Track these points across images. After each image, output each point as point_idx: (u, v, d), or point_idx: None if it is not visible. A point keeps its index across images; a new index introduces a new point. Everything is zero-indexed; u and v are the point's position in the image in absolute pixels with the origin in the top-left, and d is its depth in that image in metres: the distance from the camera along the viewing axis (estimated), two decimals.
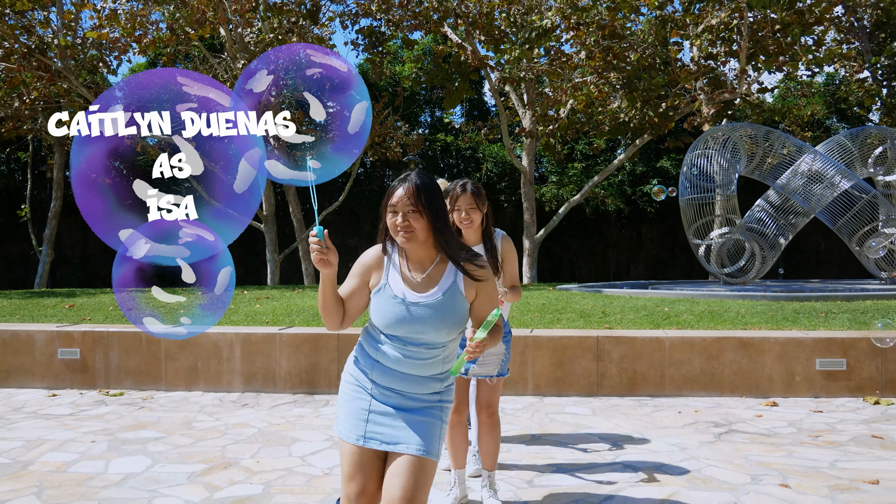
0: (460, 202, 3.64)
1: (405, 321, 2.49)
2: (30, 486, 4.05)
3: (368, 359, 2.59)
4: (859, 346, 6.24)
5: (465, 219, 3.66)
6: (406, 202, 2.47)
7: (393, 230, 2.51)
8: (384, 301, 2.53)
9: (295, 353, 6.78)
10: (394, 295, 2.52)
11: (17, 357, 7.13)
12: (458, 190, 3.66)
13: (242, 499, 3.82)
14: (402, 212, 2.48)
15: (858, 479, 4.03)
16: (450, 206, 3.67)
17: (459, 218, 3.66)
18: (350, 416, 2.53)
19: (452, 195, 3.67)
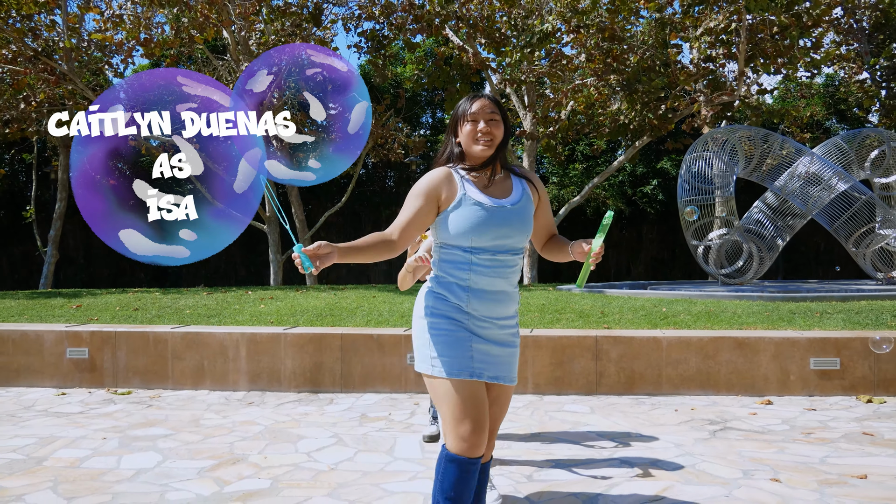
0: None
1: (494, 224, 2.55)
2: (45, 481, 4.18)
3: (460, 289, 2.59)
4: (853, 345, 6.37)
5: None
6: (487, 110, 2.62)
7: (472, 138, 2.62)
8: (467, 211, 2.55)
9: (299, 353, 6.92)
10: (476, 202, 2.56)
11: (27, 357, 7.27)
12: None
13: (251, 493, 3.95)
14: (483, 119, 2.61)
15: (847, 474, 4.16)
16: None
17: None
18: (454, 352, 2.53)
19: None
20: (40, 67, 13.64)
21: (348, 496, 3.88)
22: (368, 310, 8.51)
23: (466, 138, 2.64)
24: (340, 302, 9.21)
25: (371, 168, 25.11)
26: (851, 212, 10.76)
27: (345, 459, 4.59)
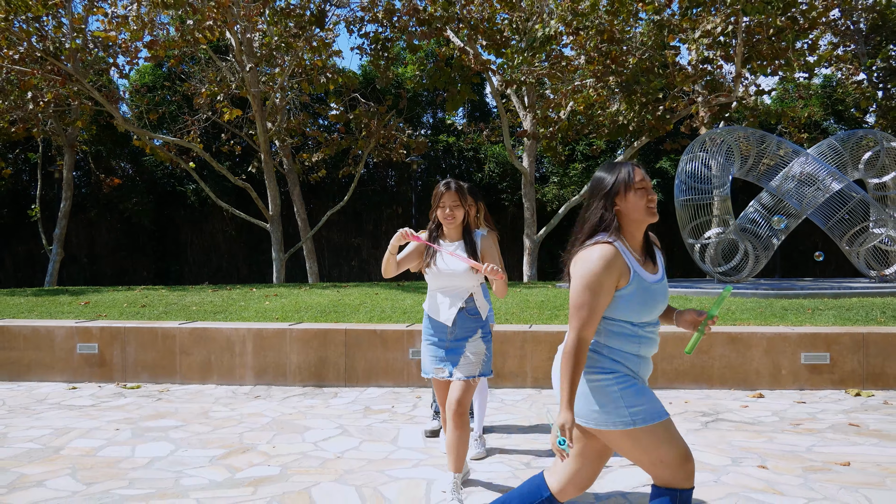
0: (445, 199, 3.75)
1: (659, 302, 2.57)
2: (64, 468, 4.37)
3: (633, 359, 2.56)
4: (842, 340, 6.55)
5: (449, 216, 3.76)
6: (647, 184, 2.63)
7: (644, 207, 2.59)
8: (643, 291, 2.53)
9: (304, 348, 7.10)
10: (648, 282, 2.56)
11: (38, 352, 7.45)
12: (442, 188, 3.77)
13: (262, 479, 4.14)
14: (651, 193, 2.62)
15: (831, 462, 4.35)
16: (434, 203, 3.82)
17: (443, 214, 3.77)
18: (647, 399, 2.51)
19: (436, 193, 3.80)
20: (47, 68, 13.82)
21: (355, 481, 4.07)
22: (371, 306, 8.69)
23: (636, 208, 2.58)
24: (344, 299, 9.40)
25: (372, 168, 25.28)
26: (845, 211, 10.95)
27: (350, 448, 4.77)
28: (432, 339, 3.81)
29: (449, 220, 3.78)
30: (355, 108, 18.08)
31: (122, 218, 24.99)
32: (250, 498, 3.81)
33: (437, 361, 3.77)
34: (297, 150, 20.74)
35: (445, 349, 3.75)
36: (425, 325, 3.85)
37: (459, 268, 3.73)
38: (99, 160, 23.20)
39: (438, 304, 3.78)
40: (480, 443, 4.57)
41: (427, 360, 3.83)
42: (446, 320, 3.73)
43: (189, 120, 18.11)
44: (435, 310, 3.79)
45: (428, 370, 3.83)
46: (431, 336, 3.81)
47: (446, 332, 3.75)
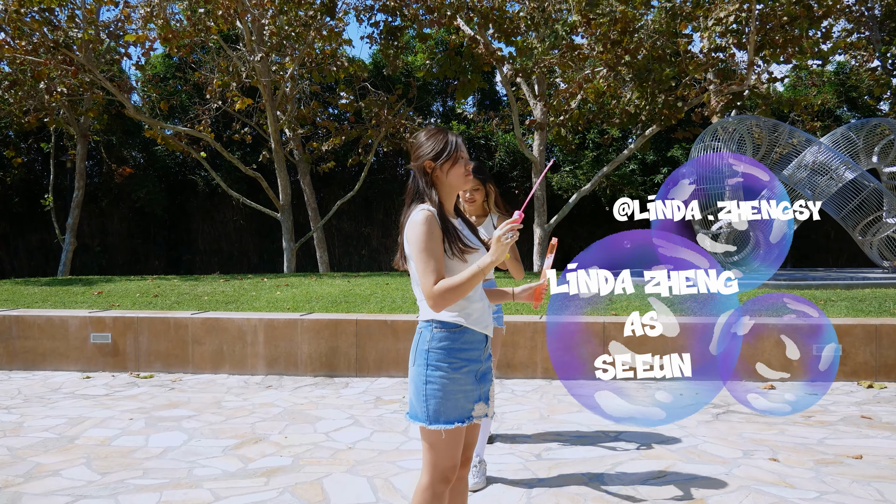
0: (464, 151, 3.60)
1: None
2: (79, 458, 4.42)
3: None
4: (855, 332, 6.52)
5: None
6: None
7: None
8: None
9: (315, 338, 7.14)
10: None
11: (52, 341, 7.52)
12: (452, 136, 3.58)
13: (274, 469, 4.17)
14: None
15: (843, 455, 4.34)
16: None
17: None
18: None
19: None
20: (59, 59, 13.87)
21: (366, 472, 4.09)
22: (382, 296, 8.71)
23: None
24: (354, 289, 9.42)
25: (382, 156, 25.27)
26: (858, 200, 10.87)
27: (361, 439, 4.80)
28: (465, 364, 2.54)
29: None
30: (365, 97, 18.05)
31: (133, 207, 25.10)
32: (263, 488, 3.84)
33: (476, 397, 2.57)
34: (307, 139, 20.75)
35: (478, 376, 2.61)
36: (446, 348, 2.53)
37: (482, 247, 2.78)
38: (110, 150, 23.29)
39: (477, 307, 2.61)
40: (480, 471, 4.02)
41: (461, 399, 2.52)
42: (491, 329, 2.67)
43: (200, 109, 18.13)
44: (478, 317, 2.60)
45: (465, 413, 2.53)
46: (462, 359, 2.54)
47: (482, 348, 2.62)
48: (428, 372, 2.50)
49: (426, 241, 2.45)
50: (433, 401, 2.49)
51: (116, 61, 17.73)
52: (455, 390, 2.50)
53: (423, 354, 2.53)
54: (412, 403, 2.56)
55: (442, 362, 2.50)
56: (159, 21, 13.66)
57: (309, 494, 3.75)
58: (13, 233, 25.36)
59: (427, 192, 2.58)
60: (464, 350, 2.53)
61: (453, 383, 2.49)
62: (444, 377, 2.49)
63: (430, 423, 2.48)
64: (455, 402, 2.50)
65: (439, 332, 2.53)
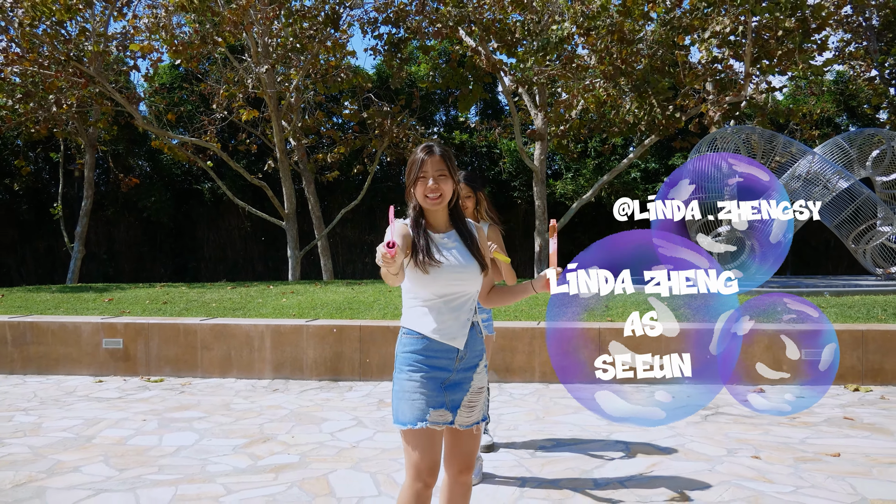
0: (427, 168, 2.71)
1: None
2: (97, 456, 4.66)
3: None
4: (842, 337, 6.74)
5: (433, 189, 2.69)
6: None
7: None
8: None
9: (320, 344, 7.38)
10: None
11: (65, 347, 7.77)
12: (422, 154, 2.73)
13: (283, 465, 4.41)
14: None
15: (822, 453, 4.57)
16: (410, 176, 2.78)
17: (424, 189, 2.71)
18: None
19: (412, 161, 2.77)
20: (70, 71, 14.18)
21: (369, 468, 4.33)
22: (385, 303, 8.95)
23: None
24: (358, 296, 9.66)
25: (386, 165, 25.55)
26: (851, 209, 11.10)
27: (365, 438, 5.04)
28: (425, 370, 2.64)
29: (433, 197, 2.69)
30: (369, 107, 18.34)
31: (140, 216, 25.39)
32: (272, 483, 4.08)
33: (436, 402, 2.62)
34: (312, 148, 21.04)
35: (445, 384, 2.67)
36: (410, 352, 2.66)
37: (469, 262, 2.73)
38: (117, 159, 23.62)
39: (445, 319, 2.67)
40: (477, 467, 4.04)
41: (417, 402, 2.60)
42: (461, 343, 2.68)
43: (206, 119, 18.44)
44: (444, 329, 2.67)
45: (419, 415, 2.59)
46: (424, 366, 2.64)
47: (453, 359, 2.68)
48: (396, 374, 2.70)
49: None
50: (395, 401, 2.66)
51: (125, 72, 18.05)
52: (409, 395, 2.61)
53: (396, 357, 2.73)
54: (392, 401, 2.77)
55: (405, 365, 2.65)
56: (164, 33, 13.96)
57: (316, 489, 3.98)
58: (21, 240, 25.67)
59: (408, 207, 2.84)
60: (429, 358, 2.64)
61: (409, 386, 2.61)
62: (405, 379, 2.63)
63: (394, 421, 2.66)
64: (411, 403, 2.60)
65: (407, 338, 2.70)
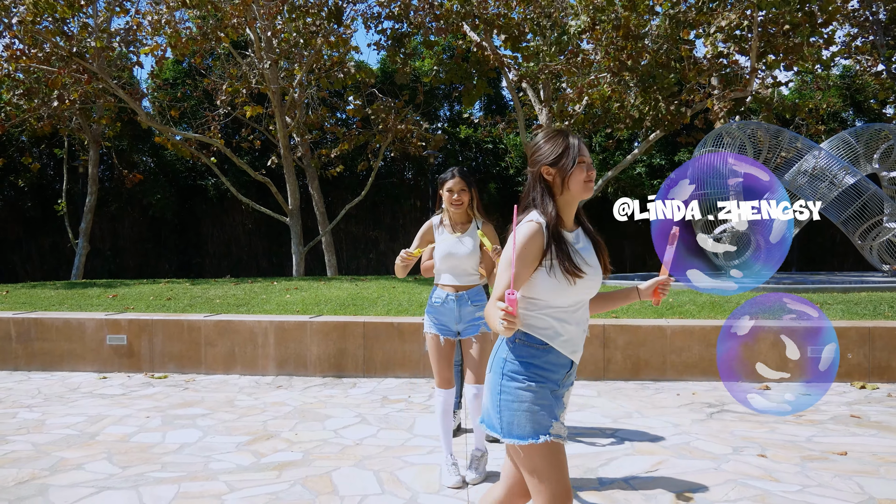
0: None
1: None
2: (100, 453, 4.65)
3: None
4: (849, 334, 6.70)
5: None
6: None
7: None
8: None
9: (324, 340, 7.36)
10: None
11: (69, 343, 7.77)
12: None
13: (286, 463, 4.39)
14: None
15: (829, 451, 4.53)
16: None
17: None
18: None
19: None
20: (73, 68, 14.18)
21: (372, 466, 4.31)
22: (389, 299, 8.93)
23: None
24: (362, 292, 9.64)
25: (390, 161, 25.52)
26: (858, 205, 11.03)
27: (368, 436, 5.02)
28: (543, 382, 2.32)
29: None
30: (373, 102, 18.31)
31: (144, 212, 25.40)
32: (275, 481, 4.06)
33: (555, 414, 2.33)
34: (315, 144, 21.01)
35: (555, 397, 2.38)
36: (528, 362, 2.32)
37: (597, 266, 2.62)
38: (121, 155, 23.61)
39: (570, 329, 2.36)
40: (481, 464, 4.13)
41: (538, 412, 2.28)
42: (579, 356, 2.42)
43: (209, 115, 18.43)
44: (569, 339, 2.36)
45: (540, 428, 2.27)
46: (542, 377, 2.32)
47: (564, 373, 2.39)
48: (503, 382, 2.31)
49: (517, 253, 2.24)
50: (507, 413, 2.28)
51: (128, 68, 18.04)
52: (530, 406, 2.25)
53: (500, 363, 2.34)
54: (488, 412, 2.37)
55: (519, 374, 2.28)
56: (168, 30, 13.95)
57: (319, 486, 3.96)
58: (26, 237, 25.70)
59: (542, 201, 2.37)
60: (544, 369, 2.31)
61: (530, 396, 2.26)
62: (521, 389, 2.27)
63: (503, 437, 2.29)
64: (531, 415, 2.25)
65: (522, 344, 2.31)
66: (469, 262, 4.04)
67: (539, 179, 2.39)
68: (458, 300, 4.06)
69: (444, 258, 4.06)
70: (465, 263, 4.04)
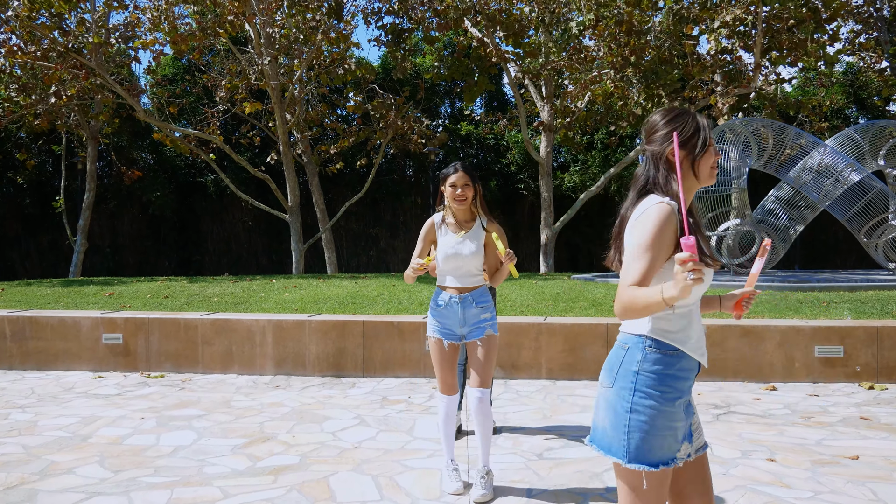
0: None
1: None
2: (92, 456, 4.53)
3: None
4: (856, 334, 6.58)
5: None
6: None
7: None
8: None
9: (323, 339, 7.25)
10: None
11: (65, 342, 7.66)
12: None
13: (282, 467, 4.28)
14: None
15: (840, 455, 4.41)
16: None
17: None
18: None
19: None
20: (70, 63, 14.04)
21: (371, 471, 4.20)
22: (389, 298, 8.82)
23: None
24: (361, 290, 9.53)
25: (390, 158, 25.40)
26: (864, 202, 10.91)
27: (367, 438, 4.90)
28: (678, 395, 2.09)
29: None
30: (373, 98, 18.18)
31: (143, 209, 25.30)
32: (271, 486, 3.95)
33: (685, 433, 2.14)
34: (315, 141, 20.89)
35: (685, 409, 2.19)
36: (662, 372, 2.06)
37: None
38: (120, 152, 23.50)
39: (697, 329, 2.12)
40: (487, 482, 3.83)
41: (671, 436, 2.05)
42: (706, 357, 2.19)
43: (209, 112, 18.31)
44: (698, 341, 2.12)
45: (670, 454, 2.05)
46: (677, 389, 2.08)
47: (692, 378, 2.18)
48: (635, 399, 2.02)
49: (651, 239, 1.97)
50: (637, 434, 2.00)
51: (126, 64, 17.91)
52: (664, 426, 2.01)
53: (629, 376, 2.05)
54: (605, 432, 2.08)
55: (654, 389, 2.01)
56: (166, 27, 13.82)
57: (315, 492, 3.85)
58: (25, 234, 25.60)
59: (666, 184, 2.10)
60: (678, 378, 2.05)
61: (664, 417, 2.01)
62: (655, 408, 2.01)
63: (627, 461, 2.01)
64: (662, 439, 2.01)
65: (653, 352, 2.04)
66: (473, 262, 3.86)
67: (663, 161, 2.13)
68: (462, 302, 3.86)
69: (447, 259, 3.87)
70: (469, 264, 3.86)
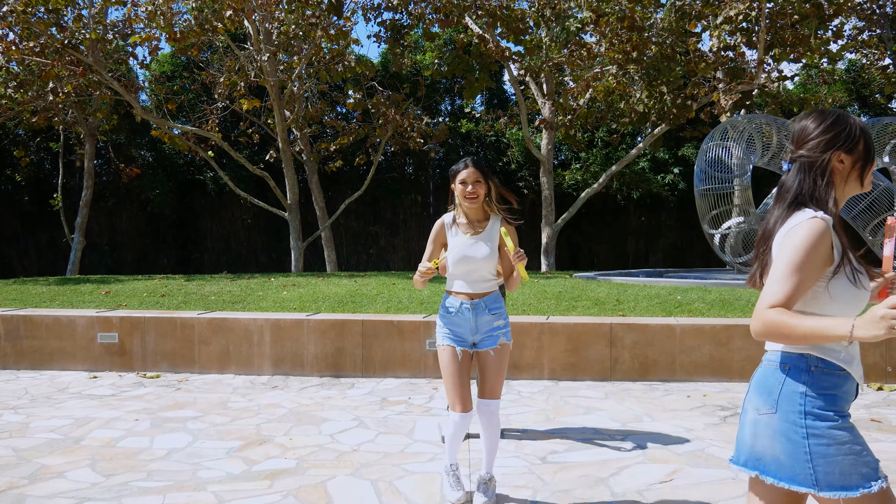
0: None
1: None
2: (84, 459, 4.42)
3: None
4: None
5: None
6: None
7: None
8: None
9: (321, 338, 7.13)
10: None
11: (60, 341, 7.54)
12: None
13: (278, 472, 4.16)
14: None
15: None
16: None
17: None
18: None
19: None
20: (67, 59, 13.92)
21: (370, 475, 4.08)
22: (388, 297, 8.70)
23: None
24: (361, 289, 9.41)
25: (390, 156, 25.28)
26: (869, 200, 10.79)
27: (366, 441, 4.79)
28: (849, 417, 1.98)
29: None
30: (373, 96, 18.06)
31: (142, 206, 25.19)
32: (266, 491, 3.83)
33: None
34: (315, 138, 20.77)
35: None
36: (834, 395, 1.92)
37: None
38: (118, 149, 23.38)
39: (858, 352, 1.98)
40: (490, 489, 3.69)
41: (864, 454, 1.90)
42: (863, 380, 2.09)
43: (207, 109, 18.18)
44: (859, 363, 1.97)
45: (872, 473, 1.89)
46: (848, 412, 1.96)
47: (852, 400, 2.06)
48: (808, 423, 1.87)
49: (802, 259, 1.84)
50: (821, 461, 1.85)
51: (124, 61, 17.79)
52: (851, 443, 1.87)
53: (795, 398, 1.90)
54: (779, 462, 1.91)
55: (826, 410, 1.87)
56: (162, 22, 13.70)
57: (312, 498, 3.73)
58: (23, 231, 25.49)
59: (827, 195, 1.94)
60: (845, 400, 1.91)
61: (847, 433, 1.87)
62: (834, 427, 1.86)
63: (819, 490, 1.85)
64: (856, 457, 1.86)
65: (821, 373, 1.89)
66: (486, 266, 3.58)
67: (819, 171, 1.95)
68: (473, 308, 3.57)
69: (458, 262, 3.58)
70: (482, 268, 3.58)
